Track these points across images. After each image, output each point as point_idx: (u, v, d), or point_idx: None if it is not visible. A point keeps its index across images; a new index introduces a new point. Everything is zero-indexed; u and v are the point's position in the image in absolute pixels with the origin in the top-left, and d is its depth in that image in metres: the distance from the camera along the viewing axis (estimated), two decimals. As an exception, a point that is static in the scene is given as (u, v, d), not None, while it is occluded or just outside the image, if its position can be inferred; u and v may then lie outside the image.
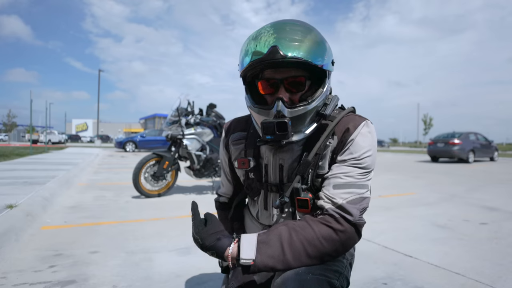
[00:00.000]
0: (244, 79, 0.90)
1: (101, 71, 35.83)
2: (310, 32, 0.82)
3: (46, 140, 17.57)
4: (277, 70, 0.83)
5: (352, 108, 0.95)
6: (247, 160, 0.95)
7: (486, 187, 5.85)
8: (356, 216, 0.78)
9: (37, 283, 1.67)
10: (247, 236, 0.77)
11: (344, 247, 0.78)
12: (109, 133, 63.02)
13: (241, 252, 0.74)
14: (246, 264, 0.73)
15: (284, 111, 0.80)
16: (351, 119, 0.87)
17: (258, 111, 0.86)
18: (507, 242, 2.54)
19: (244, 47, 0.85)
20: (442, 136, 13.60)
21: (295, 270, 0.76)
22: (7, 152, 11.45)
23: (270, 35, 0.79)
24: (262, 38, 0.80)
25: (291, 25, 0.82)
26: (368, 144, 0.84)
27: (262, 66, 0.82)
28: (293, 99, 0.84)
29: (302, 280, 0.73)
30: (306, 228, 0.77)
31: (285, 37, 0.78)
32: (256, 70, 0.85)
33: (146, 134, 19.31)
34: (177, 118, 4.48)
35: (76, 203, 3.82)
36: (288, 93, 0.84)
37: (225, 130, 1.07)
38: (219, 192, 1.17)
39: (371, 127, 0.86)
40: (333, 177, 0.83)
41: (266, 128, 0.81)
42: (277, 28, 0.81)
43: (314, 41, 0.81)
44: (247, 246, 0.75)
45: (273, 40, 0.78)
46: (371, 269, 1.95)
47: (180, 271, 1.89)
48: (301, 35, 0.80)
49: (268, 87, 0.85)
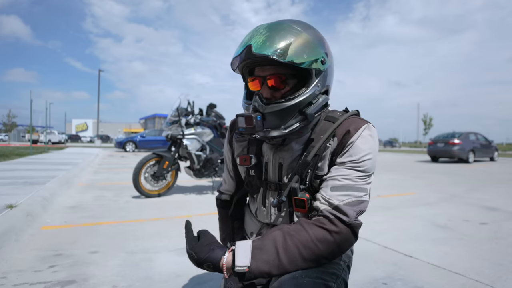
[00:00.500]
0: (244, 76, 0.94)
1: (101, 71, 35.85)
2: (296, 32, 0.81)
3: (46, 140, 17.54)
4: (263, 68, 0.86)
5: (356, 111, 0.93)
6: (249, 157, 0.95)
7: (486, 187, 5.85)
8: (352, 217, 0.77)
9: (37, 283, 1.67)
10: (242, 243, 0.77)
11: (339, 248, 0.78)
12: (109, 133, 63.01)
13: (236, 259, 0.74)
14: (241, 271, 0.73)
15: (260, 106, 0.83)
16: (353, 122, 0.86)
17: (244, 106, 0.92)
18: (507, 242, 2.54)
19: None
20: (442, 136, 13.60)
21: (292, 273, 0.75)
22: (7, 152, 11.45)
23: (249, 36, 0.83)
24: (243, 39, 0.85)
25: (284, 25, 0.82)
26: (368, 147, 0.83)
27: (242, 65, 0.87)
28: (276, 96, 0.85)
29: (299, 284, 0.73)
30: (301, 231, 0.77)
31: (264, 36, 0.80)
32: (244, 67, 0.90)
33: (146, 134, 19.30)
34: (177, 118, 4.48)
35: (76, 203, 3.82)
36: (271, 91, 0.85)
37: (230, 126, 1.09)
38: (221, 190, 1.17)
39: (372, 131, 0.85)
40: (331, 179, 0.82)
41: (238, 121, 0.83)
42: (267, 28, 0.82)
43: (299, 40, 0.80)
44: (241, 253, 0.74)
45: (248, 40, 0.82)
46: (371, 269, 1.95)
47: (180, 271, 1.89)
48: (283, 34, 0.80)
49: (257, 84, 0.87)
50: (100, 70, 35.68)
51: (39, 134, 32.74)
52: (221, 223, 1.17)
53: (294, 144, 0.90)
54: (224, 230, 1.15)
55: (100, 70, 35.68)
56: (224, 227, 1.15)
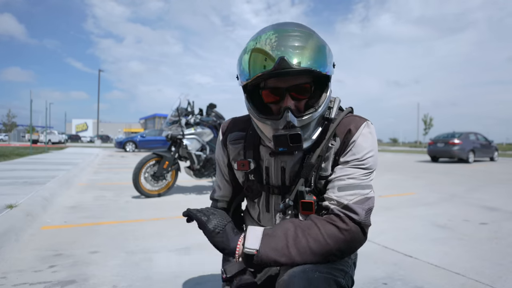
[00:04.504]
0: (245, 88, 0.87)
1: (101, 71, 35.85)
2: (312, 38, 0.80)
3: (46, 140, 17.53)
4: (281, 78, 0.80)
5: (351, 109, 0.95)
6: (247, 162, 0.93)
7: (486, 187, 5.85)
8: (361, 215, 0.79)
9: (37, 283, 1.67)
10: (253, 228, 0.78)
11: (348, 247, 0.78)
12: (109, 133, 63.00)
13: (245, 241, 0.75)
14: (250, 253, 0.74)
15: (294, 121, 0.79)
16: (352, 120, 0.87)
17: (264, 121, 0.83)
18: (507, 242, 2.54)
19: (245, 57, 0.81)
20: (442, 136, 13.59)
21: (302, 267, 0.75)
22: (7, 152, 11.45)
23: (275, 45, 0.76)
24: (266, 48, 0.77)
25: (292, 31, 0.80)
26: (369, 144, 0.84)
27: (267, 77, 0.79)
28: (299, 106, 0.83)
29: (310, 278, 0.73)
30: (312, 226, 0.78)
31: (290, 46, 0.76)
32: (259, 80, 0.81)
33: (146, 134, 19.31)
34: (177, 118, 4.48)
35: (76, 203, 3.82)
36: (294, 101, 0.82)
37: (222, 130, 1.05)
38: (215, 197, 1.11)
39: (371, 128, 0.87)
40: (337, 180, 0.83)
41: (279, 141, 0.79)
42: (280, 36, 0.78)
43: (317, 47, 0.79)
44: (252, 237, 0.76)
45: (279, 50, 0.75)
46: (371, 269, 1.95)
47: (180, 271, 1.88)
48: (304, 42, 0.78)
49: (272, 95, 0.83)
50: (100, 70, 35.68)
51: (39, 134, 32.73)
52: None
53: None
54: None
55: (100, 70, 35.68)
56: None
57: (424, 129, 49.18)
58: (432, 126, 48.97)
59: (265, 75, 0.78)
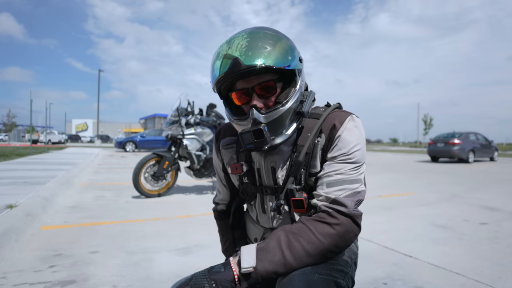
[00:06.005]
0: (220, 93, 0.90)
1: (101, 71, 35.86)
2: (274, 37, 0.82)
3: (46, 140, 17.55)
4: (246, 79, 0.83)
5: (338, 104, 0.95)
6: (240, 165, 0.94)
7: (486, 187, 5.85)
8: (350, 207, 0.79)
9: (37, 283, 1.68)
10: (246, 247, 0.77)
11: (344, 240, 0.78)
12: (109, 133, 63.00)
13: (241, 261, 0.74)
14: (247, 272, 0.73)
15: (259, 117, 0.81)
16: (337, 115, 0.87)
17: (236, 122, 0.88)
18: (507, 242, 2.54)
19: (212, 63, 0.85)
20: (442, 136, 13.59)
21: (301, 269, 0.75)
22: (7, 152, 11.46)
23: (229, 49, 0.80)
24: (221, 53, 0.81)
25: (255, 33, 0.82)
26: (355, 138, 0.84)
27: (230, 79, 0.83)
28: (268, 103, 0.85)
29: (309, 281, 0.72)
30: (303, 228, 0.78)
31: (247, 46, 0.78)
32: (226, 83, 0.86)
33: (146, 134, 19.31)
34: (177, 118, 4.48)
35: (76, 203, 3.82)
36: (262, 99, 0.84)
37: (215, 136, 1.08)
38: (216, 201, 1.16)
39: (357, 121, 0.87)
40: (326, 176, 0.84)
41: (245, 138, 0.82)
42: (239, 39, 0.81)
43: (275, 45, 0.80)
44: (246, 255, 0.75)
45: (235, 52, 0.78)
46: (371, 269, 1.95)
47: (180, 271, 1.89)
48: (261, 41, 0.80)
49: (243, 96, 0.85)
50: (100, 70, 35.69)
51: (39, 134, 32.74)
52: (221, 234, 1.15)
53: (283, 146, 0.90)
54: (225, 241, 1.13)
55: (100, 70, 35.69)
56: (225, 238, 1.13)
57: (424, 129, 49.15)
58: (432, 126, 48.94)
59: (223, 78, 0.81)
